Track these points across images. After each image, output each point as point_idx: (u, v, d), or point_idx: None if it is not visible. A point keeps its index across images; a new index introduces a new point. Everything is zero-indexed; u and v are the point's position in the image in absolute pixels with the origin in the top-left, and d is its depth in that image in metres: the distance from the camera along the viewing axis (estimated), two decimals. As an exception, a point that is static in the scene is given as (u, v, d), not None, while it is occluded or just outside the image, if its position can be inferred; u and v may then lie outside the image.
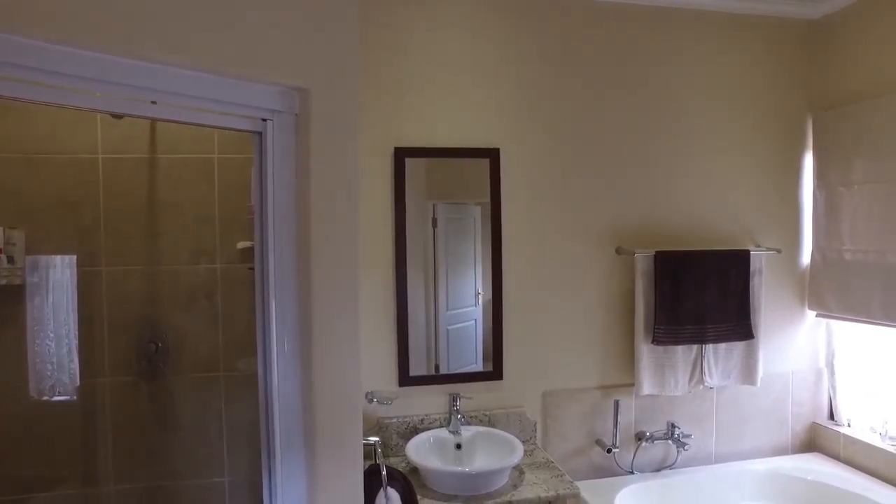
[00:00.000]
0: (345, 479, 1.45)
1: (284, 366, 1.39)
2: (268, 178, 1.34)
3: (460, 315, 2.48)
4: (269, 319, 1.38)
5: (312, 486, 1.39)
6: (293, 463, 1.40)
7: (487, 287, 2.46)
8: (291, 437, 1.39)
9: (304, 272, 1.38)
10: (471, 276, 2.47)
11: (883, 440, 2.50)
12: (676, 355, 2.52)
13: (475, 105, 2.40)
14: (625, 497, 2.34)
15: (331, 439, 1.41)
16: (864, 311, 2.47)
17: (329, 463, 1.41)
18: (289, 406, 1.40)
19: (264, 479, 1.44)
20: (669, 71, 2.58)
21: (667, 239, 2.55)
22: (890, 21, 2.40)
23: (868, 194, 2.45)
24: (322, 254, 1.39)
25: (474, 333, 2.48)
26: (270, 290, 1.38)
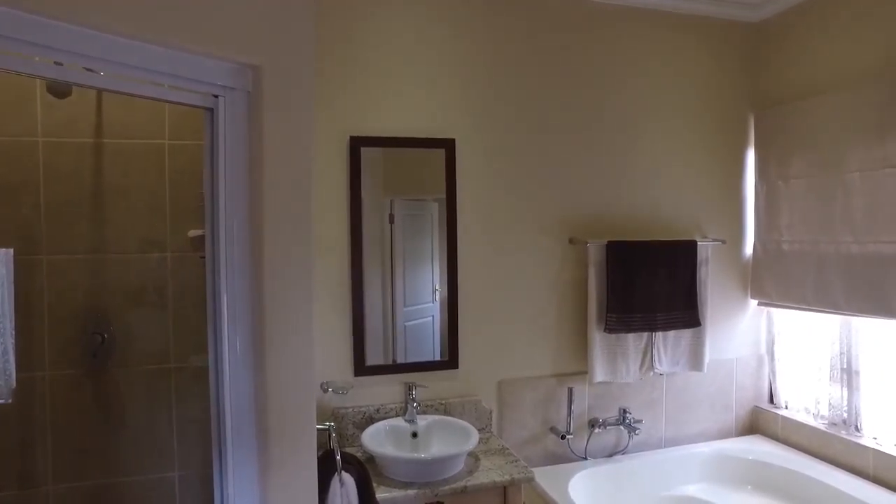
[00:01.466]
0: (298, 472, 1.44)
1: (236, 358, 1.37)
2: (219, 158, 1.32)
3: (417, 311, 2.50)
4: (221, 310, 1.36)
5: (265, 479, 1.38)
6: (245, 457, 1.38)
7: (445, 283, 2.48)
8: (243, 431, 1.38)
9: (256, 259, 1.37)
10: (428, 272, 2.50)
11: (815, 419, 2.67)
12: (628, 343, 2.61)
13: (431, 95, 2.44)
14: (578, 482, 2.41)
15: (284, 433, 1.41)
16: (799, 298, 2.62)
17: (282, 457, 1.41)
18: (241, 399, 1.38)
19: (215, 474, 1.43)
20: (621, 67, 2.68)
21: (618, 229, 2.65)
22: (822, 27, 2.57)
23: (803, 188, 2.61)
24: (275, 238, 1.38)
25: (432, 330, 2.50)
26: (222, 280, 1.36)
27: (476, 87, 2.49)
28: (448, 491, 1.97)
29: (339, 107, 2.32)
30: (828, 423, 2.62)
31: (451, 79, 2.46)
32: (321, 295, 2.27)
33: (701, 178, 2.82)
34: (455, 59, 2.46)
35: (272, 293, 1.38)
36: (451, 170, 2.45)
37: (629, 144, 2.70)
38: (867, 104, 2.32)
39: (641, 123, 2.72)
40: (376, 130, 2.36)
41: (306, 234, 1.45)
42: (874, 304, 2.29)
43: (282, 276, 1.40)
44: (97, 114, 2.16)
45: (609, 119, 2.67)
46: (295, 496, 1.44)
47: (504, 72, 2.52)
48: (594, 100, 2.64)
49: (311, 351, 1.46)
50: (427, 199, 2.50)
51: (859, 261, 2.35)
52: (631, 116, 2.70)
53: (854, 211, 2.38)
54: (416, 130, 2.41)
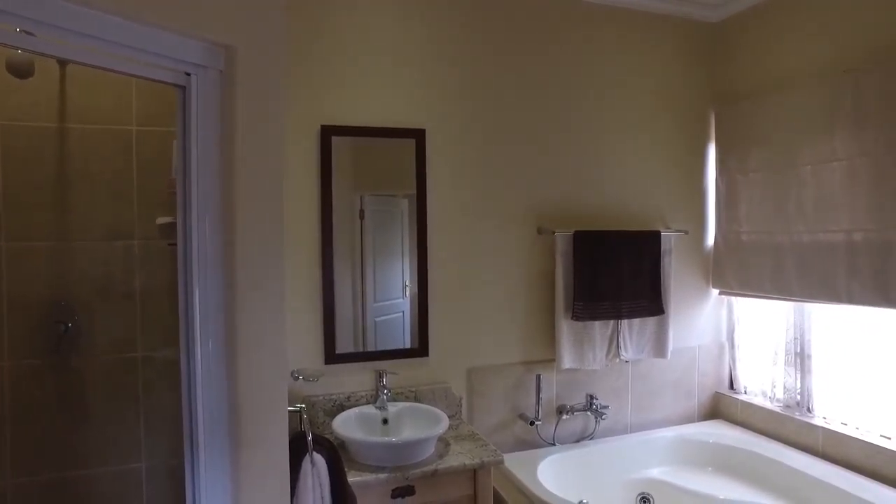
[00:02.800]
0: (269, 454, 1.46)
1: (208, 350, 1.38)
2: (191, 138, 1.34)
3: (388, 307, 2.54)
4: (193, 300, 1.36)
5: (236, 462, 1.40)
6: (217, 443, 1.39)
7: (415, 273, 2.53)
8: (215, 418, 1.39)
9: (229, 245, 1.38)
10: (398, 268, 2.54)
11: (772, 402, 2.81)
12: (594, 331, 2.70)
13: (402, 86, 2.49)
14: (546, 466, 2.49)
15: (256, 418, 1.43)
16: (757, 287, 2.76)
17: (254, 440, 1.42)
18: (213, 388, 1.39)
19: (186, 462, 1.43)
20: (589, 62, 2.78)
21: (585, 219, 2.74)
22: (777, 29, 2.72)
23: (760, 181, 2.75)
24: (247, 219, 1.39)
25: (402, 325, 2.54)
26: (193, 268, 1.36)
27: (446, 79, 2.55)
28: (419, 474, 2.02)
29: (311, 96, 2.35)
30: (783, 405, 2.77)
31: (421, 70, 2.51)
32: (291, 284, 2.29)
33: (665, 171, 2.94)
34: (425, 51, 2.52)
35: (245, 280, 1.40)
36: (421, 160, 2.51)
37: (596, 138, 2.80)
38: (817, 102, 2.47)
39: (608, 118, 2.82)
40: (347, 120, 2.40)
41: (278, 213, 1.47)
42: (823, 290, 2.43)
43: (254, 263, 1.41)
44: (60, 98, 2.15)
45: (576, 113, 2.76)
46: (266, 478, 1.47)
47: (473, 65, 2.59)
48: (562, 94, 2.73)
49: (283, 339, 1.47)
50: (397, 196, 2.54)
51: (810, 249, 2.49)
52: (598, 111, 2.80)
53: (806, 202, 2.52)
54: (386, 120, 2.46)
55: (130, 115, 2.21)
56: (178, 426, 1.47)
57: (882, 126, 2.22)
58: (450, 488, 2.11)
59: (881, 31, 2.27)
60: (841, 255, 2.36)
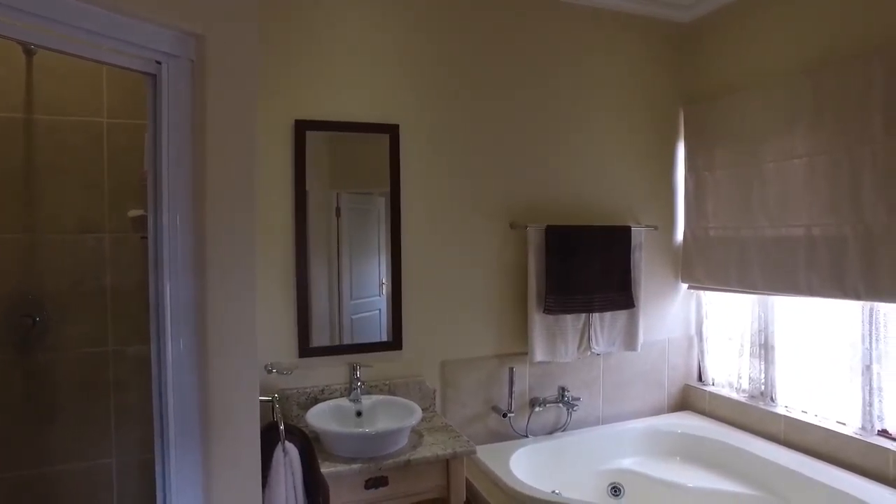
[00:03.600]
0: (241, 445, 1.47)
1: (179, 343, 1.39)
2: (162, 128, 1.35)
3: (364, 305, 2.57)
4: (164, 293, 1.37)
5: (208, 454, 1.41)
6: (187, 441, 1.40)
7: (390, 268, 2.56)
8: (186, 412, 1.39)
9: (199, 238, 1.38)
10: (375, 266, 2.57)
11: (738, 393, 2.90)
12: (566, 324, 2.77)
13: (376, 81, 2.52)
14: (519, 457, 2.54)
15: (227, 416, 1.44)
16: (724, 281, 2.85)
17: (225, 440, 1.44)
18: (184, 384, 1.39)
19: (157, 456, 1.44)
20: (562, 60, 2.85)
21: (557, 214, 2.81)
22: (743, 30, 2.82)
23: (726, 178, 2.84)
24: (219, 212, 1.40)
25: (379, 323, 2.57)
26: (164, 262, 1.36)
27: (420, 75, 2.59)
28: (392, 465, 2.06)
29: (285, 90, 2.37)
30: (748, 395, 2.86)
31: (395, 65, 2.55)
32: (265, 279, 2.31)
33: (635, 167, 3.02)
34: (399, 46, 2.56)
35: (216, 275, 1.40)
36: (395, 156, 2.54)
37: (568, 134, 2.87)
38: (778, 102, 2.57)
39: (580, 114, 2.89)
40: (322, 115, 2.42)
41: (250, 208, 1.47)
42: (785, 283, 2.53)
43: (226, 257, 1.42)
44: (27, 89, 2.13)
45: (549, 109, 2.82)
46: (238, 468, 1.48)
47: (447, 61, 2.64)
48: (535, 91, 2.79)
49: (254, 332, 1.48)
50: (373, 194, 2.57)
51: (773, 244, 2.59)
52: (570, 107, 2.87)
53: (769, 198, 2.62)
54: (361, 115, 2.49)
55: (101, 107, 2.21)
56: (150, 420, 1.48)
57: (837, 125, 2.32)
58: (423, 479, 2.14)
59: (837, 36, 2.38)
60: (801, 250, 2.46)
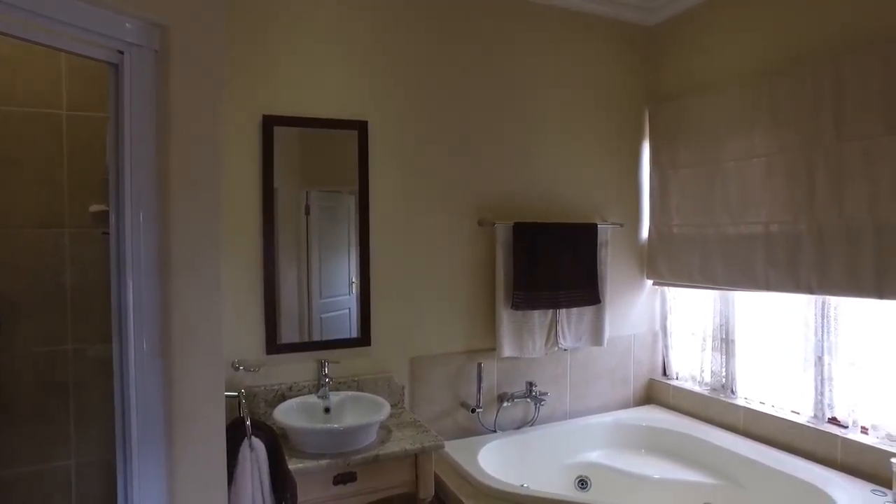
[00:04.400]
0: (206, 441, 1.47)
1: (142, 341, 1.37)
2: (125, 119, 1.34)
3: (334, 303, 2.58)
4: (126, 291, 1.35)
5: (171, 460, 1.41)
6: (150, 440, 1.38)
7: (358, 269, 2.57)
8: (149, 414, 1.38)
9: (163, 233, 1.37)
10: (345, 265, 2.58)
11: (700, 386, 3.00)
12: (534, 320, 2.82)
13: (345, 77, 2.53)
14: (487, 452, 2.58)
15: (191, 413, 1.43)
16: (687, 277, 2.95)
17: (189, 437, 1.43)
18: (147, 383, 1.38)
19: (118, 459, 1.42)
20: (531, 59, 2.91)
21: (525, 211, 2.86)
22: (705, 34, 2.92)
23: (690, 177, 2.94)
24: (184, 207, 1.40)
25: (348, 322, 2.58)
26: (126, 254, 1.34)
27: (388, 71, 2.61)
28: (360, 460, 2.07)
29: (253, 85, 2.36)
30: (710, 388, 2.97)
31: (364, 61, 2.57)
32: (232, 276, 2.31)
33: (602, 165, 3.10)
34: (368, 42, 2.57)
35: (180, 272, 1.40)
36: (363, 152, 2.55)
37: (536, 132, 2.92)
38: (739, 102, 2.67)
39: (548, 113, 2.95)
40: (290, 110, 2.42)
41: (216, 203, 1.46)
42: (745, 279, 2.63)
43: (190, 254, 1.41)
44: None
45: (518, 107, 2.88)
46: (203, 465, 1.47)
47: (416, 59, 2.66)
48: (504, 89, 2.84)
49: (219, 330, 1.47)
50: (343, 192, 2.58)
51: (734, 240, 2.69)
52: (538, 106, 2.93)
53: (730, 196, 2.72)
54: (329, 112, 2.49)
55: (60, 99, 2.17)
56: (111, 420, 1.46)
57: (793, 127, 2.43)
58: (391, 474, 2.16)
59: (792, 42, 2.49)
60: (760, 246, 2.57)
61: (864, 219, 2.18)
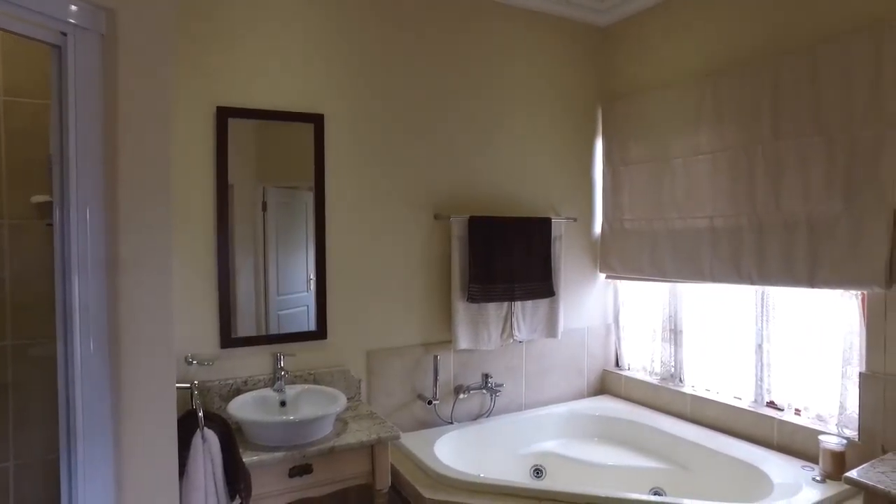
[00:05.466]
0: (156, 444, 1.45)
1: (88, 337, 1.33)
2: (69, 106, 1.29)
3: (291, 300, 2.58)
4: (71, 286, 1.31)
5: (119, 456, 1.38)
6: (96, 437, 1.34)
7: (315, 262, 2.58)
8: (95, 411, 1.34)
9: (111, 221, 1.34)
10: (303, 262, 2.58)
11: (651, 376, 3.13)
12: (489, 312, 2.88)
13: (301, 69, 2.53)
14: (444, 444, 2.62)
15: (140, 407, 1.41)
16: (638, 270, 3.06)
17: (138, 432, 1.41)
18: (93, 379, 1.34)
19: (62, 459, 1.38)
20: (486, 55, 2.97)
21: (480, 205, 2.93)
22: (656, 33, 3.04)
23: (640, 172, 3.05)
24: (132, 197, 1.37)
25: (306, 320, 2.58)
26: (72, 247, 1.30)
27: (345, 66, 2.62)
28: (316, 452, 2.08)
29: (206, 75, 2.34)
30: (659, 377, 3.09)
31: (321, 54, 2.57)
32: (185, 270, 2.29)
33: (556, 161, 3.19)
34: (324, 34, 2.58)
35: (128, 265, 1.37)
36: (319, 146, 2.56)
37: (492, 128, 2.99)
38: (685, 101, 2.79)
39: (503, 109, 3.02)
40: (245, 102, 2.40)
41: (165, 194, 1.42)
42: (692, 271, 2.76)
43: (139, 247, 1.39)
44: None
45: (474, 102, 2.93)
46: (153, 459, 1.45)
47: (374, 53, 2.68)
48: (460, 84, 2.90)
49: (170, 323, 1.45)
50: (301, 188, 2.57)
51: (681, 234, 2.81)
52: (494, 102, 2.99)
53: (678, 192, 2.84)
54: (285, 104, 2.49)
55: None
56: (55, 419, 1.42)
57: (734, 125, 2.56)
58: (347, 465, 2.18)
59: (735, 44, 2.63)
60: (705, 239, 2.69)
61: (799, 213, 2.32)
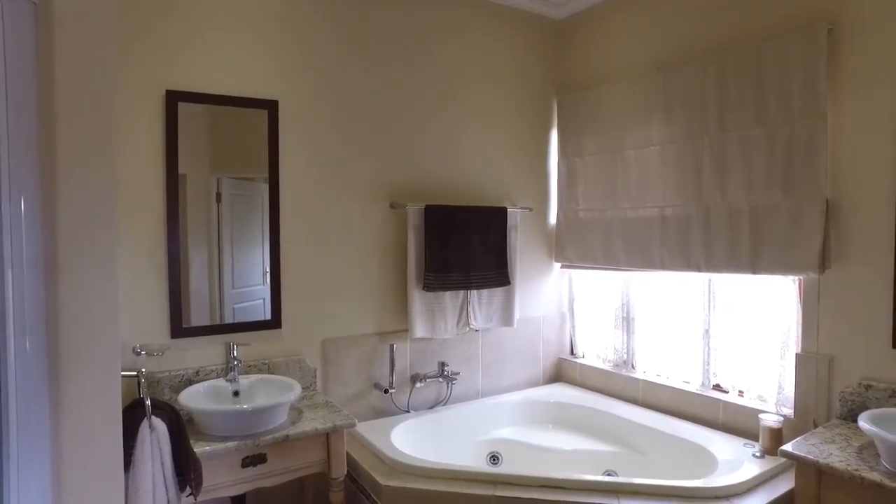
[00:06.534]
0: (98, 436, 1.40)
1: (24, 344, 1.26)
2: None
3: (247, 293, 2.57)
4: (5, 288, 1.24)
5: (57, 451, 1.33)
6: (33, 434, 1.28)
7: (269, 251, 2.57)
8: (31, 408, 1.28)
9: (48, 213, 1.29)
10: (259, 255, 2.57)
11: (604, 363, 3.23)
12: (445, 301, 2.93)
13: (255, 55, 2.52)
14: (400, 431, 2.66)
15: (81, 397, 1.36)
16: (592, 259, 3.15)
17: (79, 424, 1.36)
18: (29, 383, 1.27)
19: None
20: (445, 45, 3.01)
21: (437, 195, 2.97)
22: (610, 28, 3.13)
23: (594, 164, 3.14)
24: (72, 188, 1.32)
25: (262, 313, 2.57)
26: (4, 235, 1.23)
27: (300, 52, 2.62)
28: (270, 441, 2.09)
29: (154, 56, 2.30)
30: (612, 364, 3.20)
31: (275, 39, 2.56)
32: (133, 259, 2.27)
33: (512, 152, 3.25)
34: (280, 18, 2.56)
35: (68, 254, 1.32)
36: (273, 133, 2.54)
37: (449, 117, 3.03)
38: (638, 93, 2.89)
39: (461, 99, 3.06)
40: (196, 86, 2.37)
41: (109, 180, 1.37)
42: (643, 259, 2.86)
43: (80, 235, 1.34)
44: None
45: (431, 92, 2.97)
46: (94, 451, 1.38)
47: (329, 40, 2.68)
48: (418, 73, 2.93)
49: (115, 313, 1.40)
50: (257, 180, 2.56)
51: (634, 224, 2.91)
52: (451, 92, 3.03)
53: (630, 182, 2.93)
54: (239, 90, 2.46)
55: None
56: None
57: (683, 118, 2.67)
58: (302, 454, 2.19)
59: (684, 39, 2.74)
60: (655, 229, 2.79)
61: (742, 203, 2.43)
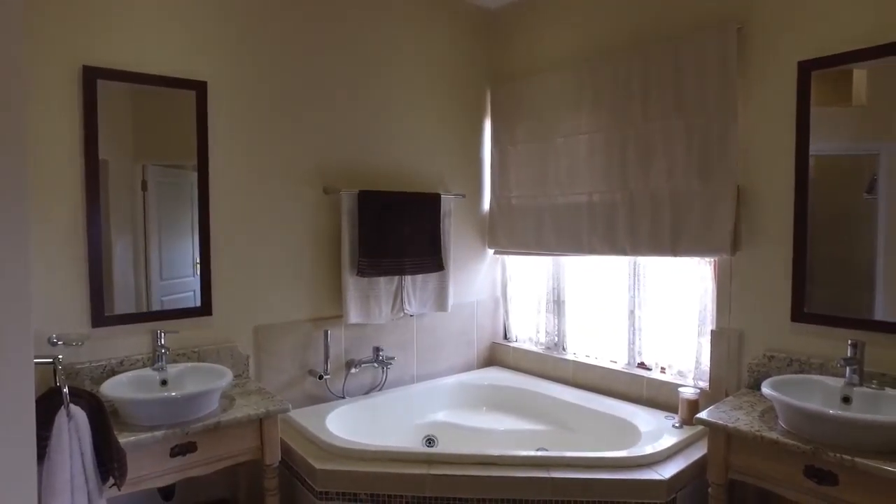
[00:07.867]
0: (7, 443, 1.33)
1: None
2: None
3: (177, 285, 2.52)
4: None
5: None
6: None
7: (198, 236, 2.53)
8: None
9: None
10: (189, 245, 2.52)
11: (536, 346, 3.37)
12: (379, 286, 2.97)
13: (183, 30, 2.45)
14: (335, 417, 2.69)
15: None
16: (524, 245, 3.28)
17: None
18: None
19: None
20: (379, 31, 3.03)
21: (370, 180, 3.00)
22: (541, 19, 3.25)
23: (525, 152, 3.26)
24: None
25: (193, 305, 2.53)
26: None
27: (231, 30, 2.57)
28: (200, 429, 2.06)
29: (70, 28, 2.19)
30: (544, 347, 3.34)
31: (205, 16, 2.50)
32: (48, 248, 2.19)
33: (447, 139, 3.33)
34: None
35: None
36: (202, 115, 2.49)
37: (383, 103, 3.06)
38: (568, 83, 3.02)
39: (395, 85, 3.10)
40: (116, 63, 2.28)
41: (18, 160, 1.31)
42: (573, 244, 3.00)
43: None
44: None
45: (365, 78, 2.99)
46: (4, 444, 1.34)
47: (261, 19, 2.65)
48: (352, 58, 2.94)
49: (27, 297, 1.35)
50: (187, 168, 2.51)
51: (564, 210, 3.05)
52: (386, 78, 3.06)
53: (560, 170, 3.07)
54: (164, 68, 2.39)
55: None
56: None
57: (610, 108, 2.82)
58: (235, 441, 2.18)
59: (611, 30, 2.88)
60: (584, 214, 2.94)
61: (664, 189, 2.60)
